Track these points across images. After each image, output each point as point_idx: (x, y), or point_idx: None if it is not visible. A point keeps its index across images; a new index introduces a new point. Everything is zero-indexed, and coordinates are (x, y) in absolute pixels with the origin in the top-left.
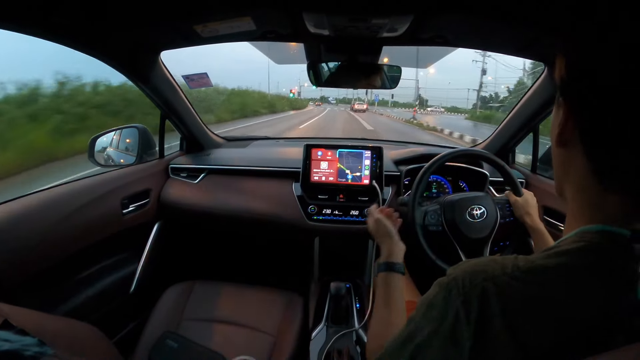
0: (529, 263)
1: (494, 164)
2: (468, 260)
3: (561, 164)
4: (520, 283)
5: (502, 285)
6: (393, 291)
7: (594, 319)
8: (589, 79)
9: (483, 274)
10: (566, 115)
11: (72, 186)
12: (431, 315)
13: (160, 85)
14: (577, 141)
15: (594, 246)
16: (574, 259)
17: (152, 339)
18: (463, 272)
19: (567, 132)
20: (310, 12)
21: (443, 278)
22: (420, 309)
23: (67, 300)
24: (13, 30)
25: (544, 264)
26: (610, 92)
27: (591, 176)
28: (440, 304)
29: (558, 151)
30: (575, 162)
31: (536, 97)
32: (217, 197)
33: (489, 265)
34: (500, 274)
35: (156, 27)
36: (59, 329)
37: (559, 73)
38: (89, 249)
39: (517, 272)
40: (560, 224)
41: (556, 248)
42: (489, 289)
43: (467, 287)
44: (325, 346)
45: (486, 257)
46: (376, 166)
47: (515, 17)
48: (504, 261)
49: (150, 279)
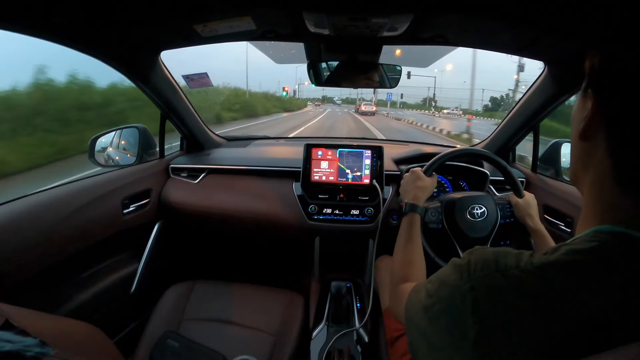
0: (543, 259)
1: (495, 163)
2: (484, 247)
3: (581, 158)
4: (531, 277)
5: (512, 277)
6: (414, 232)
7: (601, 318)
8: (624, 70)
9: (496, 264)
10: (594, 107)
11: (73, 186)
12: (442, 293)
13: (160, 85)
14: (602, 135)
15: (607, 247)
16: (587, 257)
17: (153, 338)
18: (477, 259)
19: (593, 125)
20: (310, 11)
21: (458, 259)
22: (435, 282)
23: (68, 300)
24: (13, 30)
25: (558, 260)
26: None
27: (610, 174)
28: (450, 284)
29: (580, 144)
30: (596, 157)
31: (536, 96)
32: (218, 197)
33: (504, 256)
34: (513, 267)
35: (156, 27)
36: (60, 330)
37: (591, 65)
38: (89, 249)
39: (530, 266)
40: (560, 223)
41: (569, 245)
42: (499, 280)
43: (478, 274)
44: (326, 346)
45: (503, 247)
46: (376, 165)
47: (515, 16)
48: (520, 255)
49: (150, 278)
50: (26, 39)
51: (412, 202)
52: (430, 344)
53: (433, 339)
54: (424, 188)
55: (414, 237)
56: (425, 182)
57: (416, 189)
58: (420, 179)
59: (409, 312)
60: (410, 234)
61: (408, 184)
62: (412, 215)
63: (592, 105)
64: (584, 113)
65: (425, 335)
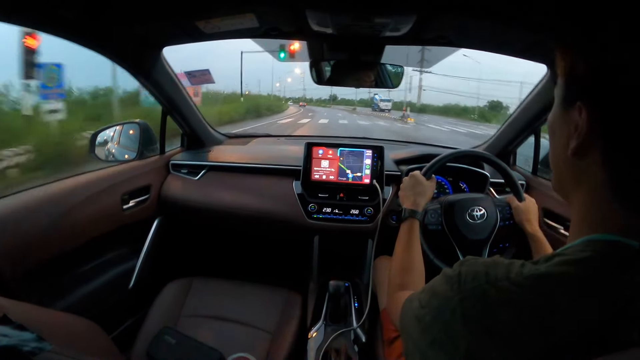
0: (534, 270)
1: (496, 166)
2: (475, 258)
3: (571, 173)
4: (522, 289)
5: (502, 289)
6: (414, 238)
7: (594, 330)
8: (625, 81)
9: (486, 275)
10: (589, 122)
11: (73, 181)
12: (434, 304)
13: (162, 81)
14: (597, 149)
15: (601, 257)
16: (580, 269)
17: (150, 334)
18: (467, 270)
19: (588, 141)
20: (314, 10)
21: (449, 270)
22: (427, 292)
23: (66, 295)
24: (18, 24)
25: (549, 272)
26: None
27: (606, 187)
28: (441, 295)
29: (570, 160)
30: (590, 171)
31: (539, 99)
32: (217, 194)
33: (494, 267)
34: (503, 278)
35: (159, 23)
36: (57, 324)
37: (569, 71)
38: (88, 244)
39: (520, 277)
40: (560, 227)
41: (561, 256)
42: (489, 292)
43: (469, 286)
44: (323, 345)
45: (494, 257)
46: (377, 166)
47: (518, 19)
48: (510, 266)
49: (149, 274)
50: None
51: (411, 207)
52: (423, 353)
53: (425, 349)
54: (423, 193)
55: (413, 243)
56: (424, 186)
57: (415, 195)
58: (420, 183)
59: (403, 322)
60: (409, 240)
61: (407, 189)
62: (411, 221)
63: (588, 122)
64: (570, 127)
65: (418, 345)
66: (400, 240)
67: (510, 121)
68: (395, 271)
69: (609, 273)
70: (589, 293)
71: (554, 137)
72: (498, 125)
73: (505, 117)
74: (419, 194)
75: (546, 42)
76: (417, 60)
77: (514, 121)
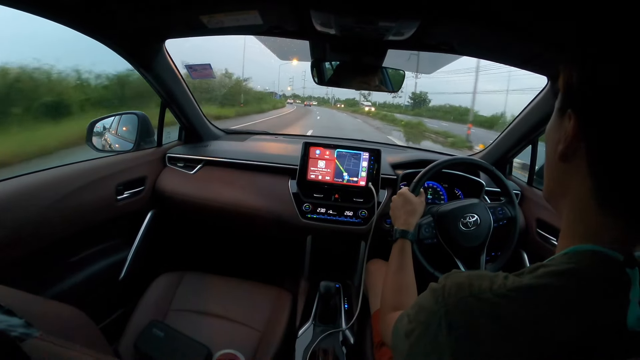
0: (517, 282)
1: (491, 174)
2: (459, 271)
3: (558, 178)
4: (504, 300)
5: (486, 301)
6: (406, 258)
7: (575, 343)
8: (605, 89)
9: (470, 287)
10: (575, 128)
11: (68, 169)
12: (420, 317)
13: (162, 74)
14: (582, 156)
15: (584, 269)
16: (563, 280)
17: (138, 327)
18: (451, 283)
19: (573, 146)
20: (318, 10)
21: (434, 283)
22: (415, 307)
23: (56, 283)
24: (20, 9)
25: (532, 284)
26: (629, 103)
27: (591, 195)
28: (427, 308)
29: (558, 165)
30: (576, 178)
31: (538, 110)
32: (213, 189)
33: (478, 279)
34: (486, 290)
35: (163, 15)
36: (46, 312)
37: (566, 82)
38: (81, 233)
39: (503, 289)
40: (553, 238)
41: (545, 267)
42: (472, 304)
43: (453, 298)
44: (311, 345)
45: (478, 270)
46: (373, 168)
47: (520, 30)
48: (494, 278)
49: (140, 267)
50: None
51: (402, 227)
52: None
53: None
54: (413, 212)
55: (405, 263)
56: (414, 205)
57: (406, 214)
58: (409, 202)
59: (395, 341)
60: (402, 261)
61: (398, 209)
62: (402, 242)
63: (574, 127)
64: (561, 133)
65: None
66: (392, 261)
67: (508, 130)
68: (388, 292)
69: (591, 285)
70: (570, 305)
71: (548, 144)
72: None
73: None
74: (409, 213)
75: (547, 54)
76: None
77: (512, 131)
